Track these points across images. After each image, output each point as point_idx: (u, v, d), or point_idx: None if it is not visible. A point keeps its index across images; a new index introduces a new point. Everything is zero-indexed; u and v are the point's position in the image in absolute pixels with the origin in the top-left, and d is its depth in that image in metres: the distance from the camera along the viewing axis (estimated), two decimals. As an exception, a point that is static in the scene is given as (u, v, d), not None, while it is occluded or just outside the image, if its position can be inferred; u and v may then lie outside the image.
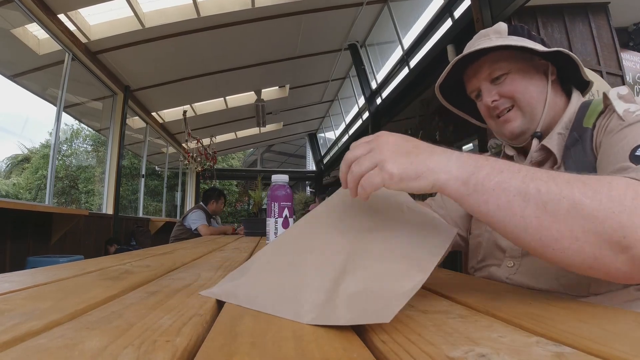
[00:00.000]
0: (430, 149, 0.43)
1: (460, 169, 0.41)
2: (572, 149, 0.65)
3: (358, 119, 7.95)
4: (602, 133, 0.60)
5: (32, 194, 12.98)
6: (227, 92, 6.65)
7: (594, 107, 0.65)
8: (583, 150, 0.63)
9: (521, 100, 0.70)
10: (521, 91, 0.70)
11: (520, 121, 0.71)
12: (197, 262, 0.83)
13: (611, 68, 3.22)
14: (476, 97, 0.78)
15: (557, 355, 0.24)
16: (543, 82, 0.70)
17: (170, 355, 0.24)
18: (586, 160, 0.62)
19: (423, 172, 0.41)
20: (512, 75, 0.70)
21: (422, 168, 0.41)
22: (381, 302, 0.34)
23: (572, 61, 0.68)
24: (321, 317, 0.33)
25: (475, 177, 0.41)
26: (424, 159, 0.42)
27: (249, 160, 15.87)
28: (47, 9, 3.35)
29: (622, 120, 0.56)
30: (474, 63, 0.74)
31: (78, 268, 0.67)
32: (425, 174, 0.41)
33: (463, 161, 0.42)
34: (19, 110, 19.54)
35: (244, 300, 0.40)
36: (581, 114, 0.67)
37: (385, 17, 5.42)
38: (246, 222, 2.78)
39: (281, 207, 0.75)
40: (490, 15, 2.64)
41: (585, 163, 0.62)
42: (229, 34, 4.64)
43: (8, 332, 0.28)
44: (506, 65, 0.70)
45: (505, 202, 0.39)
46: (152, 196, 12.04)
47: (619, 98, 0.60)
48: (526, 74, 0.70)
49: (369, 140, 0.45)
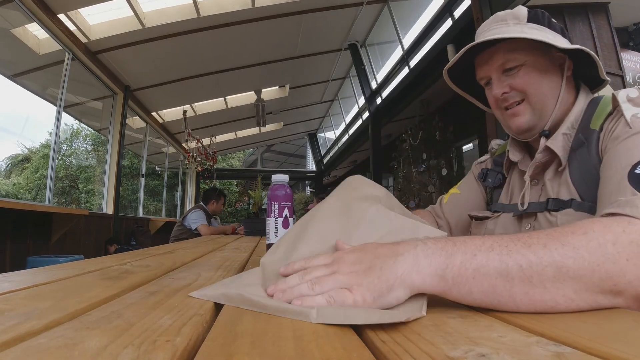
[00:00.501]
0: (391, 251, 0.39)
1: (432, 265, 0.37)
2: (578, 151, 0.63)
3: (358, 119, 7.96)
4: (608, 137, 0.58)
5: (32, 194, 12.98)
6: (227, 92, 6.65)
7: (603, 107, 0.63)
8: (588, 153, 0.61)
9: (533, 95, 0.67)
10: (534, 86, 0.67)
11: (529, 116, 0.68)
12: (197, 262, 0.83)
13: (611, 68, 3.22)
14: (485, 85, 0.74)
15: (557, 355, 0.24)
16: (557, 78, 0.68)
17: (170, 355, 0.24)
18: (591, 164, 0.61)
19: (394, 282, 0.37)
20: (527, 68, 0.67)
21: (392, 278, 0.37)
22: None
23: (588, 57, 0.65)
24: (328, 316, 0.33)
25: (451, 270, 0.37)
26: (390, 267, 0.38)
27: (249, 160, 15.87)
28: (47, 9, 3.35)
29: (630, 127, 0.55)
30: (487, 49, 0.70)
31: (78, 268, 0.67)
32: (397, 284, 0.37)
33: (431, 254, 0.38)
34: (19, 110, 19.53)
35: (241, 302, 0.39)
36: (589, 113, 0.65)
37: (385, 17, 5.42)
38: (246, 222, 2.78)
39: (281, 207, 0.75)
40: (490, 15, 2.64)
41: (590, 167, 0.61)
42: (229, 34, 4.64)
43: (8, 332, 0.28)
44: (522, 56, 0.67)
45: (489, 287, 0.36)
46: (152, 196, 12.04)
47: (628, 101, 0.58)
48: (541, 67, 0.67)
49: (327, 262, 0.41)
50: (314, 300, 0.37)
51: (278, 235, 0.75)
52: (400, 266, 0.38)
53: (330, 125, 10.25)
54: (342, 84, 8.13)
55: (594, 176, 0.59)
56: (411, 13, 5.41)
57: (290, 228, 0.51)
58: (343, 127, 9.27)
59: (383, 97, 5.83)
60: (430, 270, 0.37)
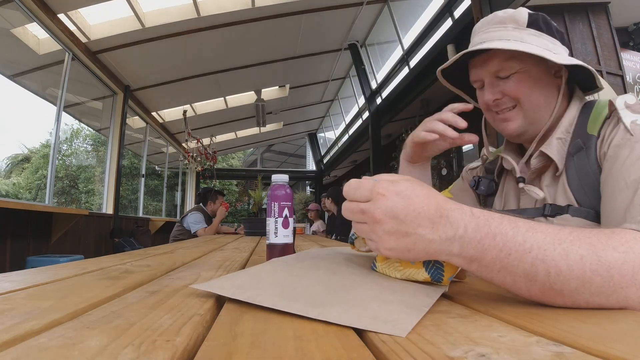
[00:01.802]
0: (431, 226, 0.39)
1: (463, 254, 0.39)
2: (576, 156, 0.62)
3: (358, 119, 7.95)
4: (607, 144, 0.58)
5: (32, 194, 12.99)
6: (227, 92, 6.65)
7: (598, 111, 0.62)
8: (587, 158, 0.60)
9: (525, 102, 0.66)
10: (527, 93, 0.66)
11: (521, 122, 0.68)
12: (197, 262, 0.83)
13: (611, 68, 3.23)
14: (479, 87, 0.73)
15: (557, 355, 0.24)
16: (552, 86, 0.67)
17: (170, 355, 0.24)
18: (589, 170, 0.60)
19: (421, 258, 0.42)
20: (521, 75, 0.66)
21: (421, 255, 0.40)
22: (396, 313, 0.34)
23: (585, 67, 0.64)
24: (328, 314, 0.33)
25: (479, 261, 0.39)
26: (424, 247, 0.39)
27: (249, 160, 15.87)
28: (47, 9, 3.35)
29: (630, 134, 0.54)
30: (482, 54, 0.69)
31: (78, 268, 0.67)
32: (423, 259, 0.43)
33: (467, 243, 0.38)
34: (19, 110, 19.54)
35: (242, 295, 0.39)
36: (584, 117, 0.64)
37: (385, 16, 5.42)
38: (246, 222, 2.78)
39: (281, 207, 0.75)
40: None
41: (589, 172, 0.60)
42: (229, 34, 4.64)
43: (8, 332, 0.28)
44: (517, 64, 0.65)
45: (511, 281, 0.39)
46: (152, 196, 12.04)
47: (626, 107, 0.57)
48: (536, 75, 0.66)
49: (364, 208, 0.41)
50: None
51: (278, 235, 0.75)
52: (433, 249, 0.39)
53: (330, 125, 10.25)
54: (342, 84, 8.12)
55: (593, 182, 0.59)
56: (411, 13, 5.41)
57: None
58: (343, 127, 9.27)
59: (383, 97, 5.83)
60: (460, 259, 0.40)
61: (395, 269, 0.47)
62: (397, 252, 0.40)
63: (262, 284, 0.43)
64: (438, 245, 0.39)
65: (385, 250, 0.41)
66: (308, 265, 0.51)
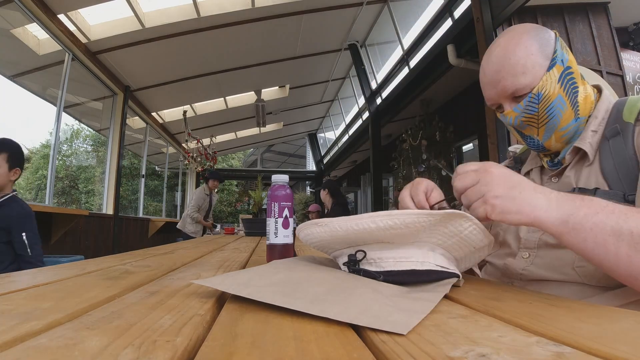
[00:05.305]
0: (533, 187, 0.48)
1: (560, 209, 0.46)
2: (612, 140, 0.62)
3: (358, 119, 7.95)
4: None
5: (32, 194, 12.98)
6: (227, 92, 6.65)
7: (633, 103, 0.63)
8: (624, 143, 0.61)
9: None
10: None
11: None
12: (197, 262, 0.83)
13: (611, 68, 3.22)
14: (497, 109, 0.71)
15: (557, 355, 0.24)
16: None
17: (170, 355, 0.24)
18: (626, 155, 0.60)
19: (524, 209, 0.46)
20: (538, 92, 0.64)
21: (524, 205, 0.46)
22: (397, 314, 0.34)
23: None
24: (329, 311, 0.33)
25: (574, 218, 0.45)
26: (527, 197, 0.46)
27: (249, 160, 15.87)
28: (47, 9, 3.35)
29: None
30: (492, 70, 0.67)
31: (78, 268, 0.67)
32: (526, 211, 0.46)
33: (562, 202, 0.47)
34: (19, 110, 19.55)
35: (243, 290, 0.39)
36: (617, 108, 0.65)
37: (385, 17, 5.42)
38: (246, 222, 2.78)
39: (281, 207, 0.75)
40: (490, 15, 2.64)
41: (625, 157, 0.60)
42: (229, 34, 4.64)
43: (8, 332, 0.28)
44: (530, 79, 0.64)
45: (602, 240, 0.44)
46: (152, 196, 12.04)
47: None
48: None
49: (476, 169, 0.50)
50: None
51: (278, 236, 0.75)
52: (536, 200, 0.47)
53: (330, 125, 10.25)
54: (342, 84, 8.13)
55: (630, 167, 0.59)
56: (411, 13, 5.41)
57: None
58: (343, 127, 9.27)
59: (383, 97, 5.83)
60: (557, 214, 0.46)
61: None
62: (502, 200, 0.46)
63: (263, 282, 0.43)
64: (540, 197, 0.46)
65: (492, 198, 0.46)
66: (310, 268, 0.51)
